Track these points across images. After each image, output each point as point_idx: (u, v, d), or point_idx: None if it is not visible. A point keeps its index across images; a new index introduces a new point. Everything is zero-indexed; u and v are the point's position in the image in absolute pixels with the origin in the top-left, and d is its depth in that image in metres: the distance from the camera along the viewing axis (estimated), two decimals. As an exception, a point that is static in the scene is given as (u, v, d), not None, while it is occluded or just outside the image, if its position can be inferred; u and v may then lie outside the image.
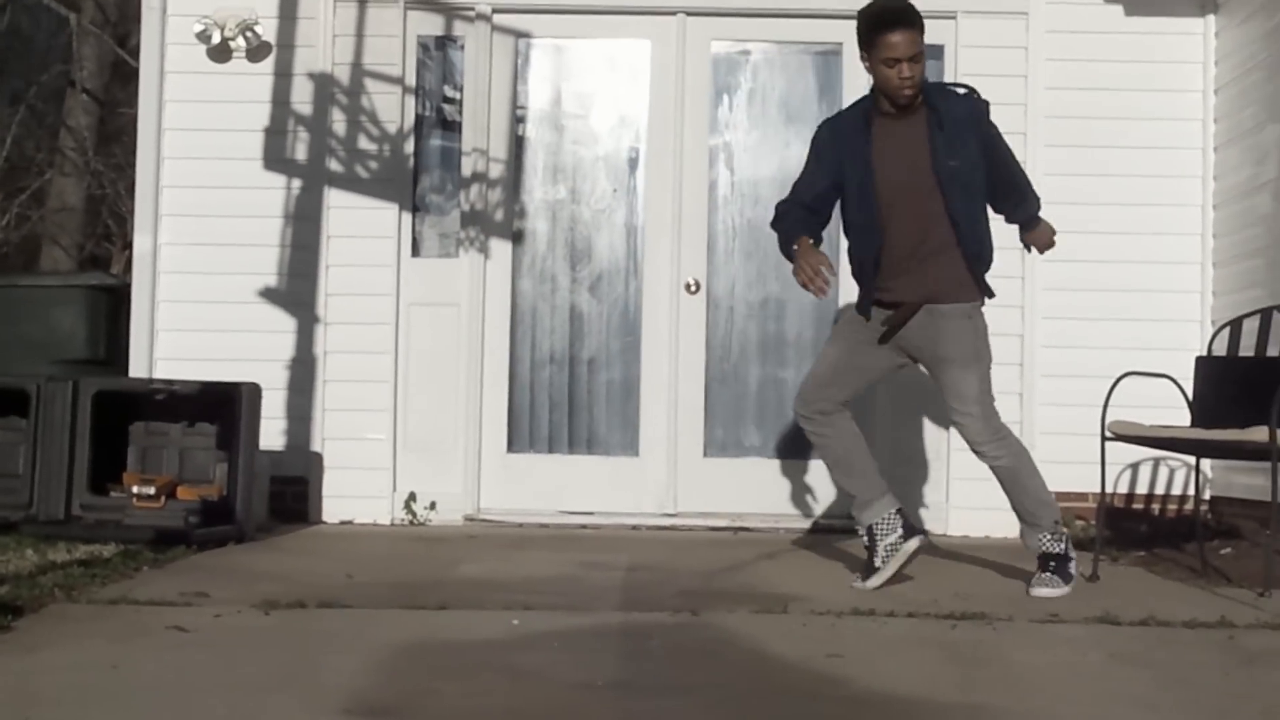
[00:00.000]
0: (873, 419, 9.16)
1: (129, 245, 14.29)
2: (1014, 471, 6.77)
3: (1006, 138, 9.29)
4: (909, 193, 6.69)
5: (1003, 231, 9.01)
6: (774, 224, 6.95)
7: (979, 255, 6.75)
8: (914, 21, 6.72)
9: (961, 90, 7.05)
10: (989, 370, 6.75)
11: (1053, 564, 6.70)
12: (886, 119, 6.77)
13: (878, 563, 6.78)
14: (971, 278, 6.73)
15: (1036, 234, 6.98)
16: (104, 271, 16.78)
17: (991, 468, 6.79)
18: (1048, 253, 7.04)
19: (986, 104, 6.88)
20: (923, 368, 6.94)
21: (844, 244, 7.21)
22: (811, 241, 6.73)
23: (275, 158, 9.36)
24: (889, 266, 6.74)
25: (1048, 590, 6.60)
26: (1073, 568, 6.72)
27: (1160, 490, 9.15)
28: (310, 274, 9.29)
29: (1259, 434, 6.66)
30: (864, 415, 9.10)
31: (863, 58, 6.75)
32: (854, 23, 9.39)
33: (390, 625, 5.67)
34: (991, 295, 6.82)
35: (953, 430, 9.12)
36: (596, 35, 9.65)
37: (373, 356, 9.30)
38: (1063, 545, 6.73)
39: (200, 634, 5.45)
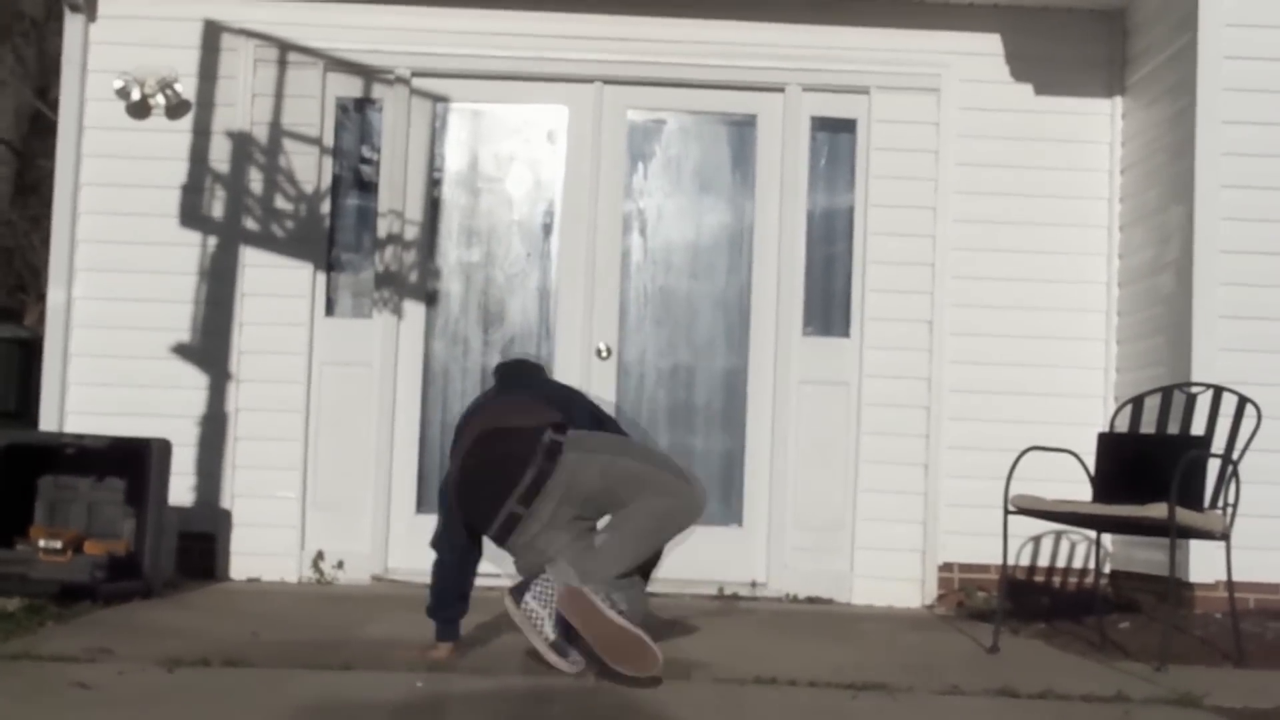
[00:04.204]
0: (784, 487, 9.24)
1: (43, 298, 14.22)
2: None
3: (914, 211, 9.44)
4: None
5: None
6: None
7: None
8: None
9: None
10: None
11: None
12: None
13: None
14: None
15: None
16: (16, 324, 16.67)
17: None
18: (956, 326, 6.88)
19: None
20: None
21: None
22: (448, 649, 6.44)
23: (192, 215, 9.36)
24: None
25: None
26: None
27: (1061, 563, 9.24)
28: (224, 331, 9.29)
29: (1158, 510, 6.75)
30: (776, 484, 9.20)
31: None
32: (769, 94, 9.56)
33: (294, 685, 5.68)
34: None
35: (859, 499, 9.24)
36: (514, 100, 9.70)
37: (284, 415, 9.30)
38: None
39: (103, 691, 5.44)
